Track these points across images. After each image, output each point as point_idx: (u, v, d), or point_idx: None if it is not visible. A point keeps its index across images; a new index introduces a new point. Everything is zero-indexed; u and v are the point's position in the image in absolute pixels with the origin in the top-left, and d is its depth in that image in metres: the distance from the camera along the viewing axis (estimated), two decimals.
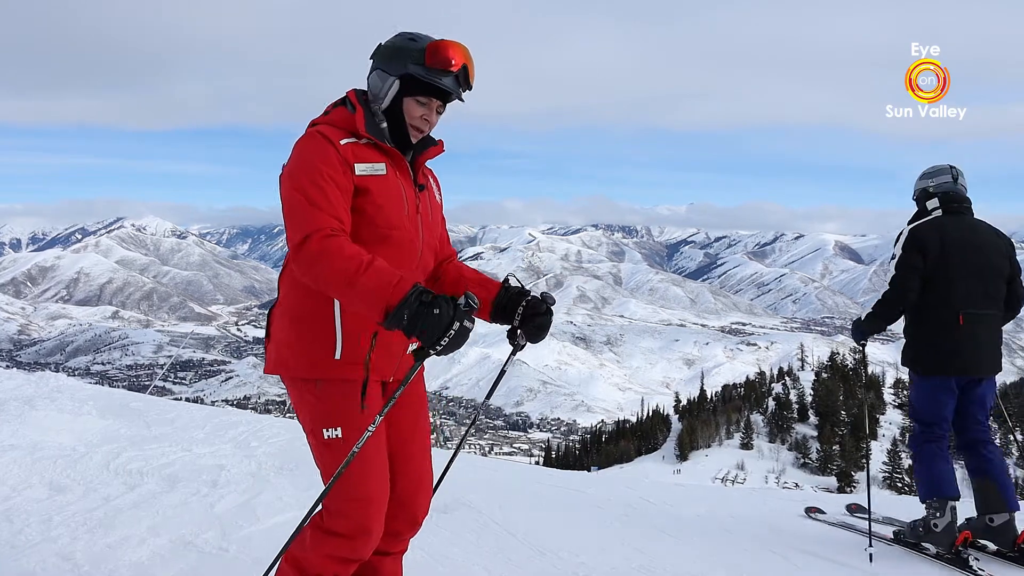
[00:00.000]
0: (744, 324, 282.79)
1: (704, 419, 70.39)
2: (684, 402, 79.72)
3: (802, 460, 63.00)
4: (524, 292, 2.36)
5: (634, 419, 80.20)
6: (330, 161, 2.14)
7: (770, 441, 67.49)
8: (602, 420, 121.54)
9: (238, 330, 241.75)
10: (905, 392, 67.98)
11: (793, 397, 71.43)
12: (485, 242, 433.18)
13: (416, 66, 2.20)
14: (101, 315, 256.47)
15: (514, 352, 2.37)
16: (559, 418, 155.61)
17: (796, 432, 66.72)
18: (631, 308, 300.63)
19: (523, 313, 2.32)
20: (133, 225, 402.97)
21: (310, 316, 2.24)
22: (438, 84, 2.21)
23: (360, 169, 2.19)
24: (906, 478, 54.32)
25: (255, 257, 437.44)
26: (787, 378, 77.04)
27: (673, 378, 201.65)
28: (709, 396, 79.16)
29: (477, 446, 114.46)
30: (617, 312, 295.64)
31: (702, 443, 66.21)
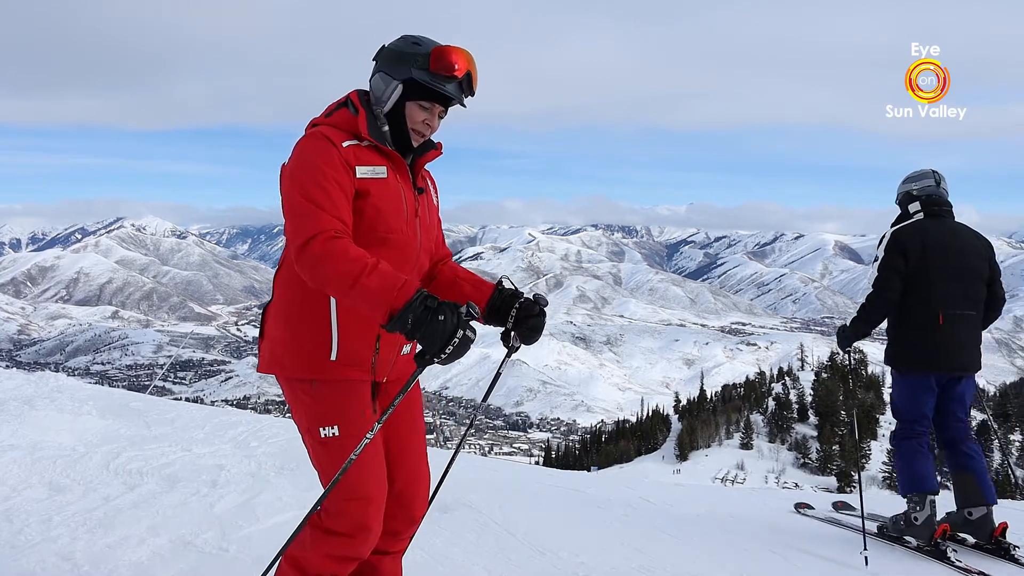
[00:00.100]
0: (744, 324, 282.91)
1: (704, 419, 70.42)
2: (684, 402, 79.79)
3: (802, 460, 63.04)
4: (517, 294, 2.36)
5: (634, 419, 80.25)
6: (332, 163, 2.14)
7: (770, 441, 67.53)
8: (602, 420, 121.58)
9: (238, 330, 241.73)
10: None
11: (793, 397, 71.47)
12: (485, 242, 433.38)
13: (420, 71, 2.20)
14: (101, 315, 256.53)
15: (509, 354, 2.38)
16: (559, 418, 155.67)
17: (796, 432, 66.76)
18: (631, 308, 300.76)
19: (516, 315, 2.32)
20: (133, 225, 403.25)
21: (306, 316, 2.24)
22: (441, 90, 2.21)
23: (361, 172, 2.19)
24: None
25: (255, 257, 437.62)
26: (787, 378, 77.09)
27: (673, 378, 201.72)
28: (709, 396, 79.21)
29: (477, 446, 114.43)
30: (617, 312, 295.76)
31: (702, 443, 66.24)
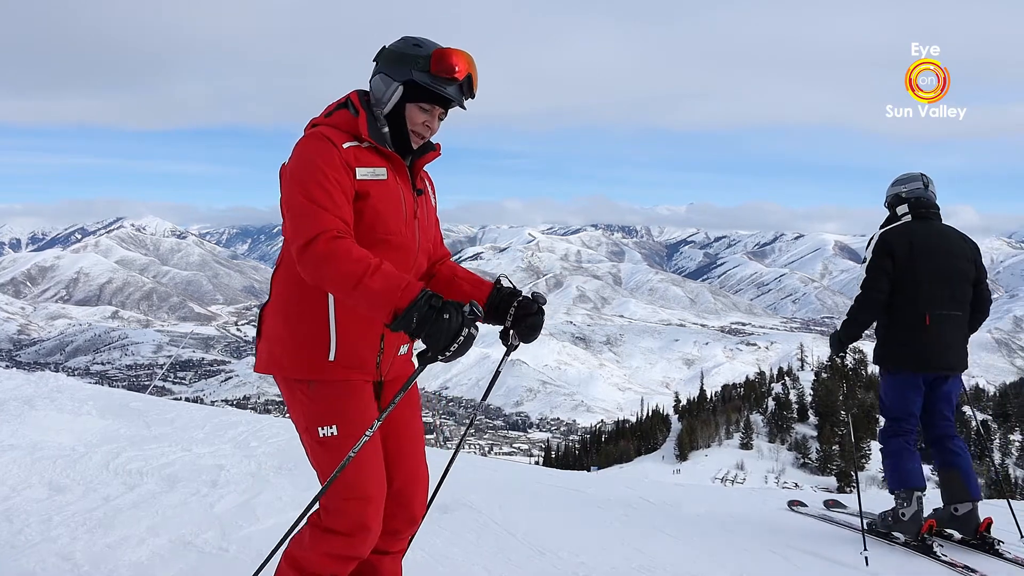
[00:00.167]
0: (744, 324, 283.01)
1: (704, 419, 70.43)
2: (684, 402, 79.82)
3: (802, 460, 63.05)
4: (516, 292, 2.36)
5: (634, 419, 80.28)
6: (333, 163, 2.15)
7: (770, 441, 67.53)
8: (602, 420, 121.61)
9: (238, 330, 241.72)
10: None
11: (793, 397, 71.48)
12: (485, 242, 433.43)
13: (420, 73, 2.20)
14: (101, 315, 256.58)
15: (508, 352, 2.38)
16: (559, 418, 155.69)
17: (796, 432, 66.77)
18: (631, 308, 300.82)
19: (515, 313, 2.32)
20: (133, 225, 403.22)
21: (304, 316, 2.24)
22: (442, 92, 2.21)
23: (361, 174, 2.19)
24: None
25: (255, 257, 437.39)
26: (787, 378, 77.10)
27: (673, 378, 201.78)
28: (709, 396, 79.23)
29: (477, 446, 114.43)
30: (617, 312, 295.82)
31: (702, 443, 66.25)
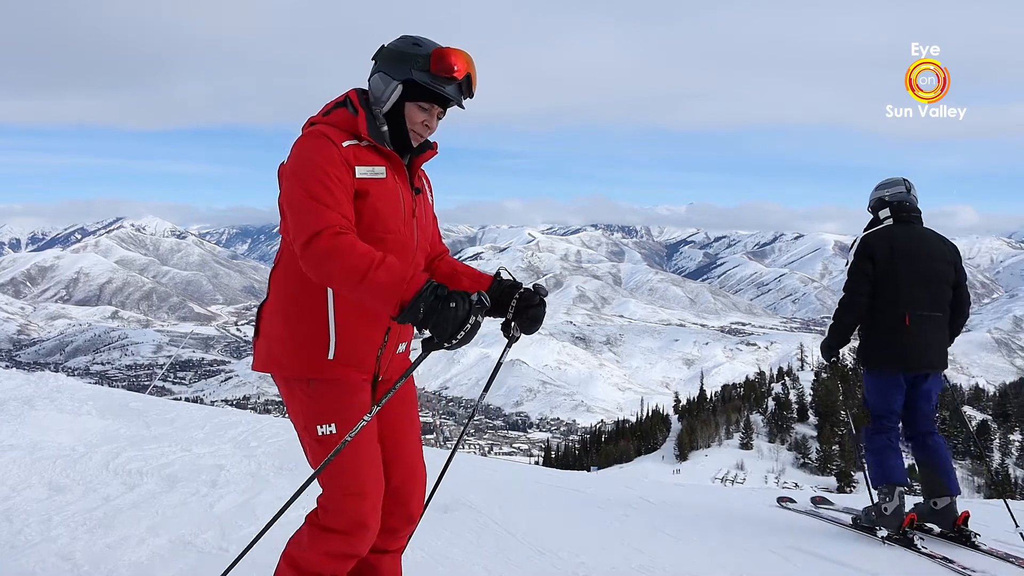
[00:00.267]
0: (744, 324, 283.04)
1: (704, 419, 70.42)
2: (684, 402, 79.82)
3: (802, 460, 63.04)
4: (516, 285, 2.36)
5: (634, 419, 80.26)
6: (333, 161, 2.15)
7: (770, 441, 67.53)
8: (602, 420, 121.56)
9: (237, 330, 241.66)
10: None
11: (793, 397, 71.49)
12: (485, 242, 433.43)
13: (420, 72, 2.21)
14: (101, 315, 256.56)
15: (509, 344, 2.38)
16: (559, 418, 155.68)
17: (796, 432, 66.77)
18: (631, 308, 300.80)
19: (516, 305, 2.32)
20: (133, 225, 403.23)
21: (304, 315, 2.24)
22: (441, 91, 2.22)
23: (360, 172, 2.19)
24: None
25: (255, 257, 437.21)
26: (787, 378, 77.12)
27: (673, 378, 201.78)
28: (709, 396, 79.22)
29: (477, 446, 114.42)
30: (617, 312, 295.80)
31: (702, 443, 66.24)
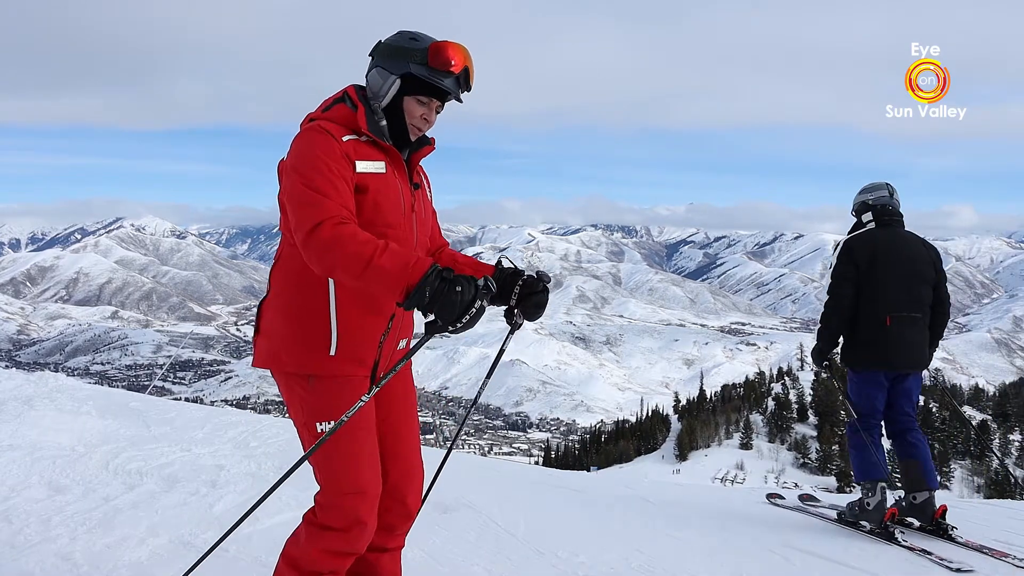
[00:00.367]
0: (743, 324, 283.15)
1: (703, 419, 70.44)
2: (683, 402, 79.83)
3: (801, 460, 63.04)
4: (519, 272, 2.35)
5: (633, 419, 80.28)
6: (334, 155, 2.16)
7: (769, 441, 67.53)
8: (601, 420, 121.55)
9: (237, 330, 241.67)
10: None
11: (792, 397, 71.51)
12: (484, 242, 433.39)
13: (418, 66, 2.22)
14: (100, 315, 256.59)
15: (512, 331, 2.38)
16: (558, 418, 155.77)
17: (795, 432, 66.78)
18: (630, 308, 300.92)
19: (520, 292, 2.32)
20: (132, 225, 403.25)
21: (305, 311, 2.24)
22: (439, 85, 2.23)
23: (360, 167, 2.20)
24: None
25: (254, 257, 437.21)
26: (786, 378, 77.14)
27: (672, 378, 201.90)
28: (708, 396, 79.24)
29: (477, 446, 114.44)
30: (616, 312, 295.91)
31: (701, 443, 66.25)
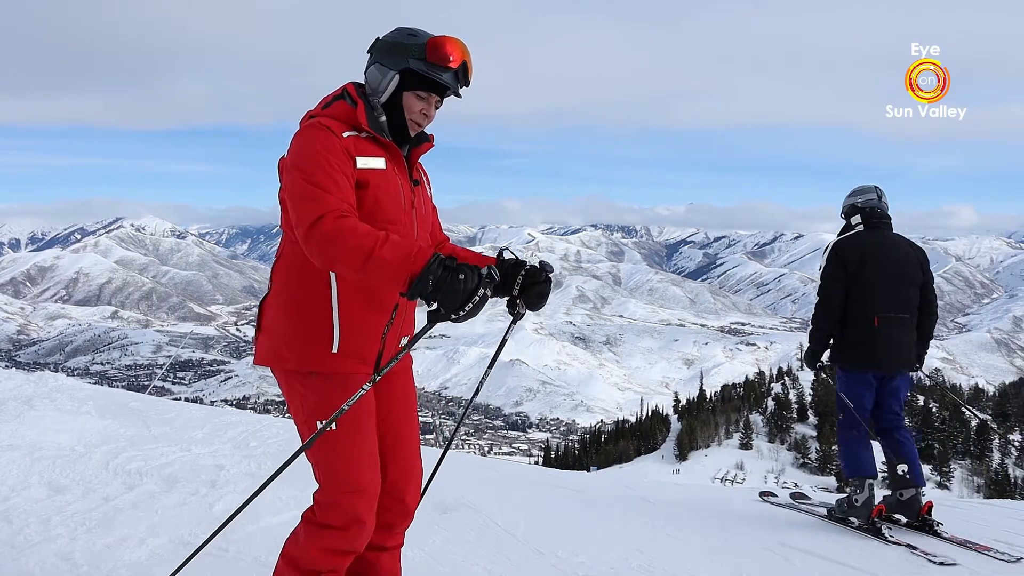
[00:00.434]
0: (743, 324, 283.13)
1: (703, 419, 70.46)
2: (683, 402, 79.86)
3: (801, 460, 63.06)
4: (521, 263, 2.35)
5: (633, 419, 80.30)
6: (334, 150, 2.17)
7: (769, 441, 67.54)
8: (601, 420, 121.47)
9: (237, 330, 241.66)
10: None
11: (792, 397, 71.52)
12: (484, 242, 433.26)
13: (416, 61, 2.23)
14: (100, 315, 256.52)
15: (514, 321, 2.38)
16: (558, 418, 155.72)
17: (795, 432, 66.79)
18: (630, 308, 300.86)
19: (523, 282, 2.32)
20: (132, 225, 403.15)
21: (307, 308, 2.25)
22: (438, 79, 2.24)
23: (361, 163, 2.21)
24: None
25: (254, 257, 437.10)
26: (786, 378, 77.12)
27: (672, 378, 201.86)
28: (708, 396, 79.26)
29: (477, 446, 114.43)
30: (616, 312, 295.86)
31: (701, 443, 66.27)
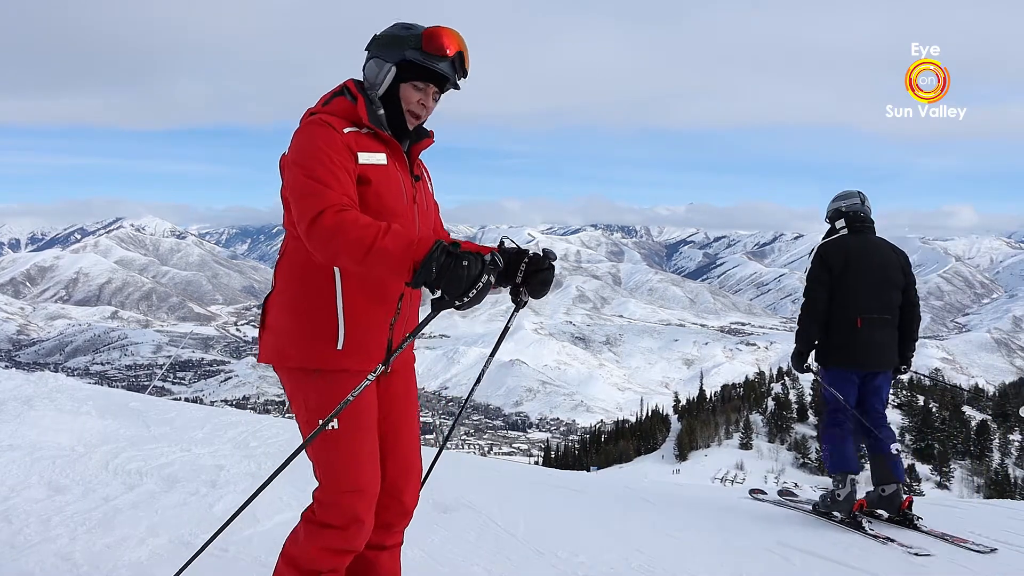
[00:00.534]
0: (743, 324, 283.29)
1: (703, 419, 70.43)
2: (683, 402, 79.82)
3: (801, 460, 63.03)
4: (524, 251, 2.35)
5: (633, 419, 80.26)
6: (335, 146, 2.17)
7: (769, 441, 67.53)
8: (601, 420, 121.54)
9: (237, 330, 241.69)
10: (904, 392, 68.51)
11: (792, 397, 71.48)
12: (484, 242, 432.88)
13: (413, 51, 2.24)
14: (100, 315, 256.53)
15: (517, 309, 2.37)
16: (558, 418, 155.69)
17: (795, 432, 66.76)
18: (630, 308, 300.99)
19: (526, 269, 2.31)
20: (132, 225, 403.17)
21: (311, 306, 2.24)
22: (435, 68, 2.24)
23: (363, 158, 2.21)
24: (905, 477, 54.35)
25: (254, 257, 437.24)
26: (786, 378, 77.02)
27: (672, 378, 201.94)
28: (708, 396, 79.21)
29: (477, 446, 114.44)
30: (616, 312, 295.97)
31: (701, 443, 66.25)
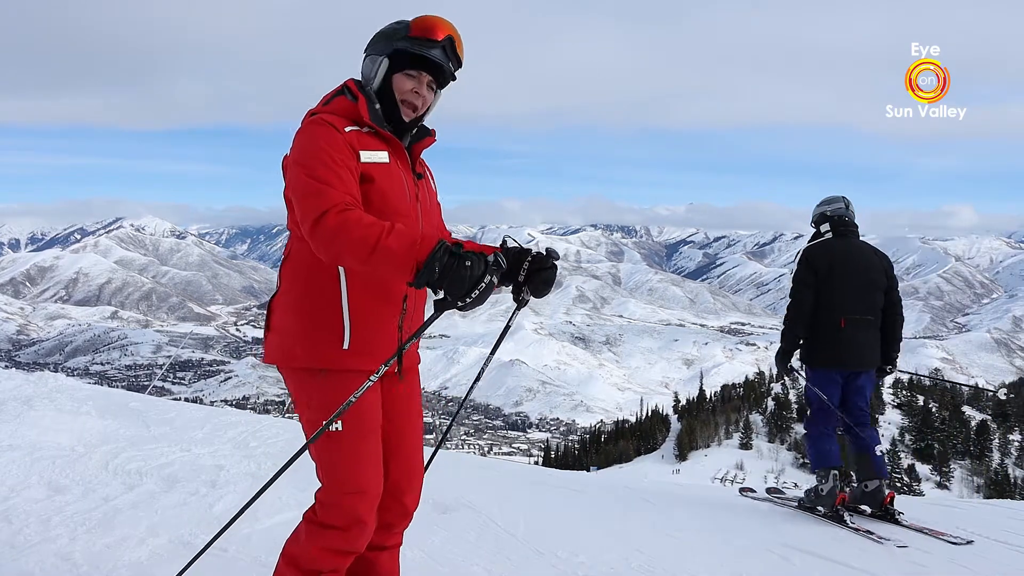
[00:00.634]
0: (743, 324, 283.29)
1: (703, 419, 70.45)
2: (683, 402, 79.83)
3: (801, 460, 62.88)
4: (526, 250, 2.32)
5: (633, 419, 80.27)
6: (337, 145, 2.17)
7: (769, 441, 67.55)
8: (601, 420, 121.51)
9: (237, 330, 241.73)
10: (904, 392, 68.55)
11: (792, 397, 71.39)
12: (484, 243, 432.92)
13: (402, 41, 2.25)
14: (100, 315, 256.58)
15: (519, 307, 2.35)
16: (558, 418, 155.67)
17: (795, 432, 66.66)
18: (630, 308, 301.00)
19: (529, 268, 2.29)
20: (132, 225, 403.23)
21: (316, 305, 2.24)
22: (425, 54, 2.24)
23: (364, 157, 2.21)
24: (905, 477, 54.37)
25: (254, 257, 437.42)
26: (786, 378, 76.99)
27: (672, 378, 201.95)
28: (708, 396, 79.23)
29: (477, 446, 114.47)
30: (616, 312, 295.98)
31: (701, 443, 66.27)
